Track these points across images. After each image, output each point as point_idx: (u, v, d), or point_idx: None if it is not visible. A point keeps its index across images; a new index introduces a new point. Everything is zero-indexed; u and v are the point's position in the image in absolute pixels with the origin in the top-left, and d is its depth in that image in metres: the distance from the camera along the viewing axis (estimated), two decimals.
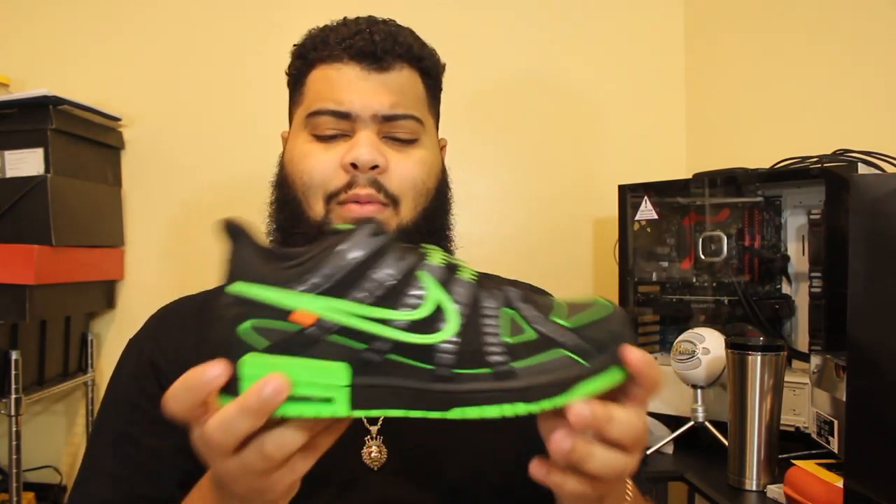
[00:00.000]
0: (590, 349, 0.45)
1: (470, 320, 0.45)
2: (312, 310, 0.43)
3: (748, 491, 0.97)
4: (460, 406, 0.44)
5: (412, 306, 0.44)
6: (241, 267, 0.44)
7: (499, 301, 0.47)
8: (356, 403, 0.44)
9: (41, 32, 1.75)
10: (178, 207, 1.73)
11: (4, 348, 1.42)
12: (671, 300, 1.33)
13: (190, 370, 0.45)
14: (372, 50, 0.70)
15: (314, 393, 0.43)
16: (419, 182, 0.73)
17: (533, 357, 0.45)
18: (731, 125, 1.59)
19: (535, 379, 0.44)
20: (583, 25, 1.71)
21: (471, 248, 1.84)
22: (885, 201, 0.67)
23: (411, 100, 0.74)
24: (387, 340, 0.44)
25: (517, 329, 0.46)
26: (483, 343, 0.45)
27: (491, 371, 0.44)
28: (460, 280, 0.47)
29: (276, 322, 0.43)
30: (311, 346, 0.43)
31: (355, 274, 0.44)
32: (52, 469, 1.72)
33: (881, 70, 1.21)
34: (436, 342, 0.44)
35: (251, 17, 1.69)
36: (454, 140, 1.83)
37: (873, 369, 0.67)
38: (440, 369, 0.44)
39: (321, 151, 0.71)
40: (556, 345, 0.45)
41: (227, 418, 0.43)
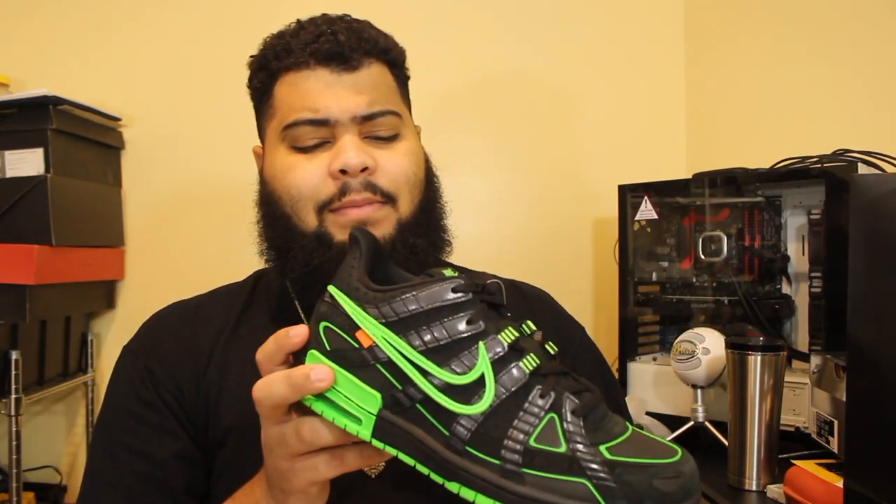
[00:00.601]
0: (616, 493, 0.41)
1: (504, 407, 0.44)
2: (373, 334, 0.47)
3: (748, 491, 0.97)
4: (460, 483, 0.44)
5: (456, 371, 0.45)
6: (344, 273, 0.49)
7: (547, 402, 0.44)
8: (377, 433, 0.46)
9: (41, 32, 1.75)
10: (179, 208, 1.73)
11: (4, 348, 1.42)
12: (671, 300, 1.33)
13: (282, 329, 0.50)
14: (339, 51, 0.68)
15: (349, 407, 0.47)
16: (411, 174, 0.72)
17: (550, 472, 0.42)
18: (731, 125, 1.59)
19: (540, 494, 0.42)
20: (583, 25, 1.71)
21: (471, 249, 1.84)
22: (885, 201, 0.67)
23: (386, 95, 0.72)
24: (420, 390, 0.45)
25: (550, 438, 0.43)
26: (505, 435, 0.43)
27: (499, 465, 0.43)
28: (518, 366, 0.45)
29: (342, 332, 0.48)
30: (360, 366, 0.47)
31: (421, 319, 0.46)
32: (52, 469, 1.72)
33: (881, 70, 1.21)
34: (460, 412, 0.44)
35: (251, 17, 1.69)
36: (454, 140, 1.84)
37: (873, 369, 0.67)
38: (454, 440, 0.44)
39: (304, 162, 0.69)
40: (581, 473, 0.42)
41: (273, 380, 0.48)
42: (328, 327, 0.48)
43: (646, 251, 1.36)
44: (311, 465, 0.49)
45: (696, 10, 1.69)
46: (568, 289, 1.65)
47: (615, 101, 1.71)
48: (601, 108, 1.72)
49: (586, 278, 1.70)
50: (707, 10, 1.66)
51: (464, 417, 0.44)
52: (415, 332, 0.46)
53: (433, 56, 1.62)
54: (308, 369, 0.47)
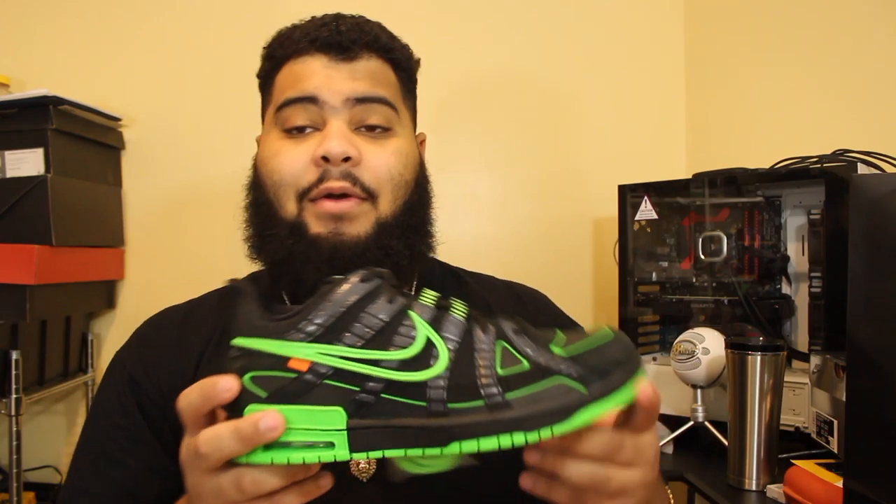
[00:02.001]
0: (588, 375, 0.45)
1: (461, 355, 0.46)
2: (306, 356, 0.45)
3: (748, 491, 0.97)
4: (457, 440, 0.44)
5: (402, 346, 0.46)
6: (243, 323, 0.47)
7: (491, 335, 0.47)
8: (355, 446, 0.45)
9: (41, 32, 1.75)
10: (178, 207, 1.73)
11: (4, 348, 1.42)
12: (671, 300, 1.33)
13: (208, 378, 0.46)
14: (338, 40, 0.68)
15: (315, 438, 0.45)
16: (396, 174, 0.70)
17: (528, 387, 0.45)
18: (731, 125, 1.59)
19: (531, 408, 0.44)
20: (583, 25, 1.71)
21: (471, 249, 1.84)
22: (884, 201, 0.67)
23: (384, 86, 0.71)
24: (379, 380, 0.45)
25: (511, 360, 0.46)
26: (475, 376, 0.45)
27: (484, 403, 0.45)
28: (451, 317, 0.48)
29: (273, 371, 0.45)
30: (307, 393, 0.45)
31: (346, 319, 0.46)
32: (52, 469, 1.72)
33: (881, 70, 1.21)
34: (427, 378, 0.45)
35: (252, 17, 1.69)
36: (454, 140, 1.84)
37: (873, 369, 0.67)
38: (433, 405, 0.45)
39: (291, 147, 0.69)
40: (551, 373, 0.45)
41: (219, 435, 0.45)
42: (255, 376, 0.46)
43: (646, 251, 1.36)
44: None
45: (696, 10, 1.69)
46: (568, 289, 1.66)
47: (615, 102, 1.71)
48: (601, 108, 1.71)
49: (586, 278, 1.70)
50: (707, 10, 1.66)
51: (432, 380, 0.45)
52: (345, 333, 0.45)
53: (433, 56, 1.62)
54: (256, 418, 0.44)
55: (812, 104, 1.35)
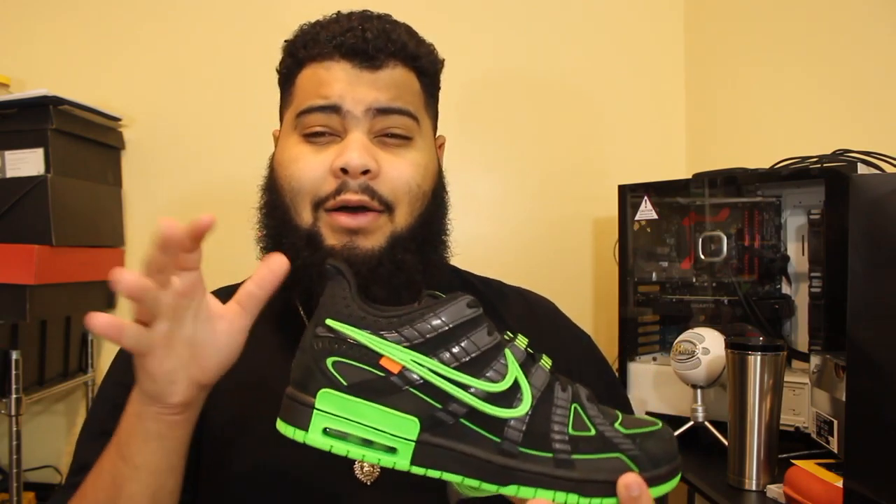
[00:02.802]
0: (643, 458, 0.48)
1: (541, 405, 0.47)
2: (400, 359, 0.45)
3: (748, 491, 0.97)
4: (518, 484, 0.46)
5: (493, 380, 0.46)
6: (337, 305, 0.47)
7: (569, 395, 0.49)
8: (417, 460, 0.45)
9: (41, 32, 1.75)
10: (178, 207, 1.73)
11: (4, 348, 1.42)
12: (671, 300, 1.32)
13: None
14: (363, 48, 0.67)
15: (379, 439, 0.45)
16: (414, 186, 0.69)
17: (593, 454, 0.47)
18: (731, 125, 1.59)
19: (591, 474, 0.46)
20: (583, 25, 1.71)
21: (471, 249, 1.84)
22: (885, 201, 0.67)
23: (405, 97, 0.70)
24: (463, 404, 0.46)
25: (581, 424, 0.48)
26: (550, 430, 0.47)
27: (552, 457, 0.46)
28: (539, 367, 0.49)
29: (361, 364, 0.46)
30: (389, 394, 0.45)
31: (447, 337, 0.46)
32: (52, 469, 1.72)
33: (881, 70, 1.21)
34: (508, 417, 0.46)
35: (252, 17, 1.69)
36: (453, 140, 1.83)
37: (873, 369, 0.67)
38: (506, 444, 0.46)
39: (311, 154, 0.68)
40: (613, 447, 0.48)
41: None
42: (339, 362, 0.46)
43: (646, 251, 1.36)
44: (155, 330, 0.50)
45: (696, 10, 1.69)
46: (568, 289, 1.66)
47: (615, 101, 1.71)
48: (601, 108, 1.71)
49: (586, 278, 1.70)
50: (707, 10, 1.66)
51: (512, 420, 0.46)
52: (444, 350, 0.46)
53: None
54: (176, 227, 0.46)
55: (812, 104, 1.35)
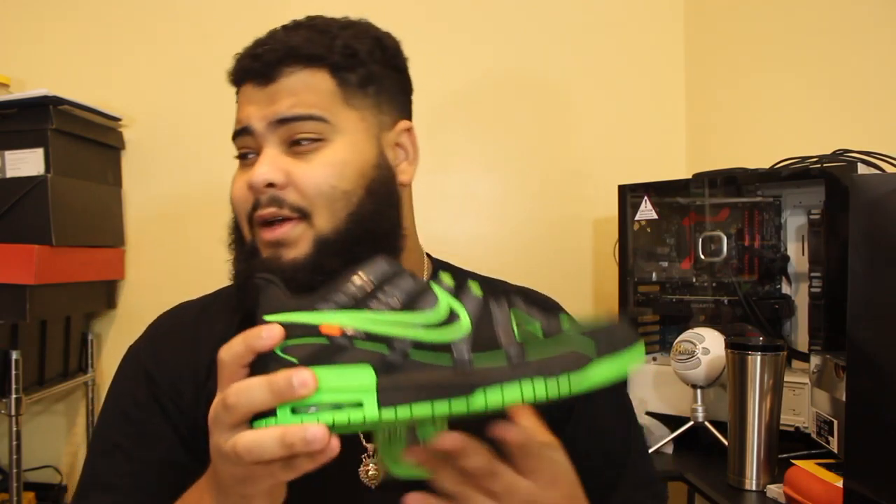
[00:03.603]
0: (597, 345, 0.49)
1: (481, 320, 0.49)
2: (338, 321, 0.48)
3: (748, 491, 0.97)
4: (482, 387, 0.47)
5: (426, 311, 0.49)
6: (271, 304, 0.49)
7: (505, 306, 0.51)
8: (383, 401, 0.47)
9: (41, 32, 1.75)
10: (179, 207, 1.73)
11: (4, 348, 1.42)
12: (671, 300, 1.33)
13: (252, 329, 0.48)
14: (256, 66, 0.69)
15: (344, 398, 0.47)
16: (327, 187, 0.67)
17: (544, 350, 0.49)
18: (731, 125, 1.59)
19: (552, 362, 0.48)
20: (583, 25, 1.71)
21: (470, 249, 1.84)
22: (884, 201, 0.67)
23: (309, 100, 0.68)
24: (407, 341, 0.48)
25: (525, 329, 0.50)
26: (496, 336, 0.49)
27: (506, 357, 0.48)
28: (469, 292, 0.51)
29: (305, 339, 0.47)
30: (338, 355, 0.47)
31: (373, 292, 0.49)
32: (52, 469, 1.72)
33: (881, 70, 1.21)
34: (452, 339, 0.48)
35: (252, 17, 1.69)
36: (454, 140, 1.83)
37: (873, 369, 0.67)
38: (459, 361, 0.48)
39: (239, 175, 0.71)
40: (563, 342, 0.49)
41: (251, 386, 0.46)
42: (286, 347, 0.47)
43: (646, 251, 1.36)
44: (268, 470, 0.48)
45: (696, 10, 1.69)
46: (568, 289, 1.65)
47: (615, 101, 1.71)
48: (601, 108, 1.71)
49: (586, 278, 1.70)
50: (707, 10, 1.66)
51: (457, 341, 0.48)
52: (375, 301, 0.48)
53: (433, 56, 1.62)
54: (290, 374, 0.45)
55: (812, 104, 1.35)
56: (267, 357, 0.48)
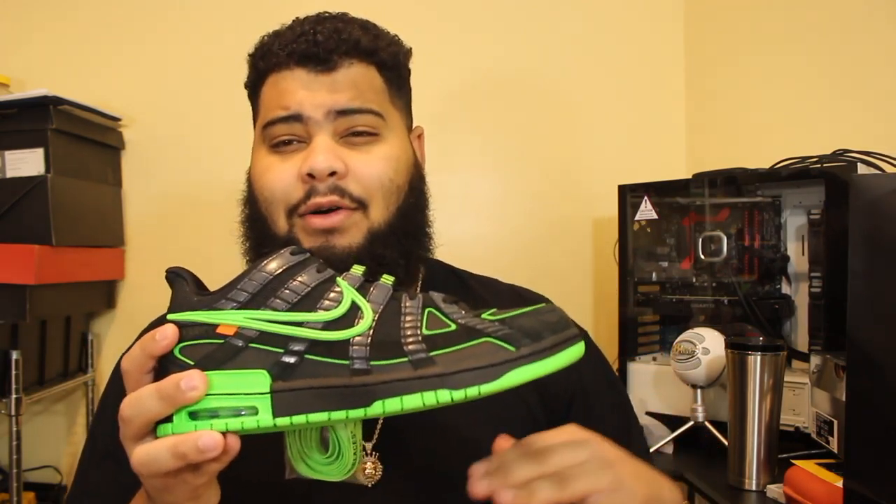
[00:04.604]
0: (517, 335, 0.44)
1: (385, 317, 0.47)
2: (233, 321, 0.46)
3: (748, 491, 0.97)
4: (381, 398, 0.44)
5: (327, 308, 0.46)
6: (177, 302, 0.48)
7: (419, 302, 0.48)
8: (278, 410, 0.45)
9: (41, 32, 1.75)
10: (178, 208, 1.73)
11: (4, 348, 1.42)
12: (671, 300, 1.33)
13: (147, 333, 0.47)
14: (315, 52, 0.67)
15: (240, 404, 0.45)
16: (386, 180, 0.68)
17: (453, 346, 0.45)
18: (731, 125, 1.59)
19: (457, 365, 0.44)
20: (583, 25, 1.71)
21: (470, 248, 1.84)
22: (884, 201, 0.67)
23: (367, 94, 0.69)
24: (302, 340, 0.45)
25: (437, 323, 0.47)
26: (399, 336, 0.46)
27: (408, 360, 0.45)
28: (379, 284, 0.49)
29: (202, 340, 0.46)
30: (232, 358, 0.45)
31: (273, 286, 0.47)
32: (52, 469, 1.72)
33: (881, 70, 1.21)
34: (349, 336, 0.46)
35: (252, 16, 1.69)
36: (454, 140, 1.83)
37: (873, 369, 0.67)
38: (356, 363, 0.45)
39: (279, 163, 0.69)
40: (478, 333, 0.45)
41: (141, 396, 0.45)
42: (183, 347, 0.46)
43: (646, 251, 1.36)
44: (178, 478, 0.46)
45: (696, 10, 1.69)
46: (568, 289, 1.66)
47: (615, 101, 1.71)
48: (601, 108, 1.71)
49: (586, 278, 1.70)
50: (707, 10, 1.66)
51: (355, 338, 0.46)
52: (273, 298, 0.46)
53: (433, 56, 1.62)
54: (177, 378, 0.44)
55: (812, 104, 1.35)
56: (166, 360, 0.46)
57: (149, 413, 0.45)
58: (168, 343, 0.46)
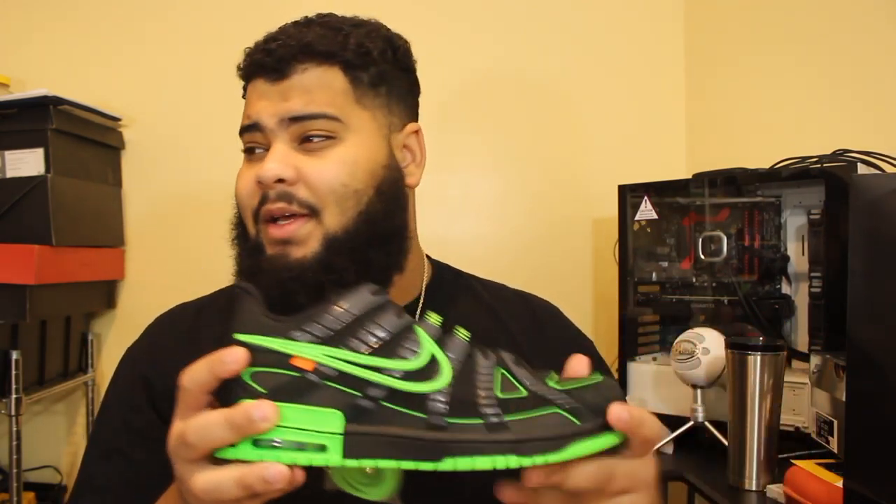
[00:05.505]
0: (583, 410, 0.46)
1: (462, 374, 0.47)
2: (311, 356, 0.45)
3: (748, 491, 0.97)
4: (452, 456, 0.45)
5: (407, 357, 0.46)
6: (245, 321, 0.47)
7: (492, 361, 0.49)
8: (349, 452, 0.45)
9: (41, 32, 1.75)
10: (178, 207, 1.73)
11: (4, 348, 1.42)
12: (671, 300, 1.33)
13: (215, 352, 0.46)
14: (268, 61, 0.68)
15: (308, 440, 0.44)
16: (338, 185, 0.66)
17: (525, 412, 0.46)
18: (731, 125, 1.59)
19: (528, 433, 0.45)
20: (583, 25, 1.71)
21: (470, 249, 1.84)
22: (884, 201, 0.67)
23: (321, 98, 0.68)
24: (381, 387, 0.45)
25: (509, 386, 0.47)
26: (476, 395, 0.46)
27: (483, 423, 0.45)
28: (455, 338, 0.49)
29: (275, 369, 0.45)
30: (307, 393, 0.45)
31: (353, 326, 0.46)
32: (52, 469, 1.72)
33: (881, 70, 1.21)
34: (429, 391, 0.46)
35: (252, 17, 1.69)
36: (454, 140, 1.83)
37: (873, 369, 0.67)
38: (433, 417, 0.45)
39: (245, 169, 0.70)
40: (548, 403, 0.47)
41: (209, 422, 0.44)
42: (255, 373, 0.45)
43: (646, 251, 1.36)
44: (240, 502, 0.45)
45: (696, 10, 1.69)
46: (568, 289, 1.66)
47: (615, 101, 1.71)
48: (601, 108, 1.72)
49: (586, 278, 1.70)
50: (707, 10, 1.66)
51: (435, 393, 0.46)
52: (354, 339, 0.46)
53: (433, 56, 1.62)
54: (249, 407, 0.43)
55: (812, 104, 1.35)
56: (233, 383, 0.45)
57: (216, 440, 0.44)
58: (238, 367, 0.45)
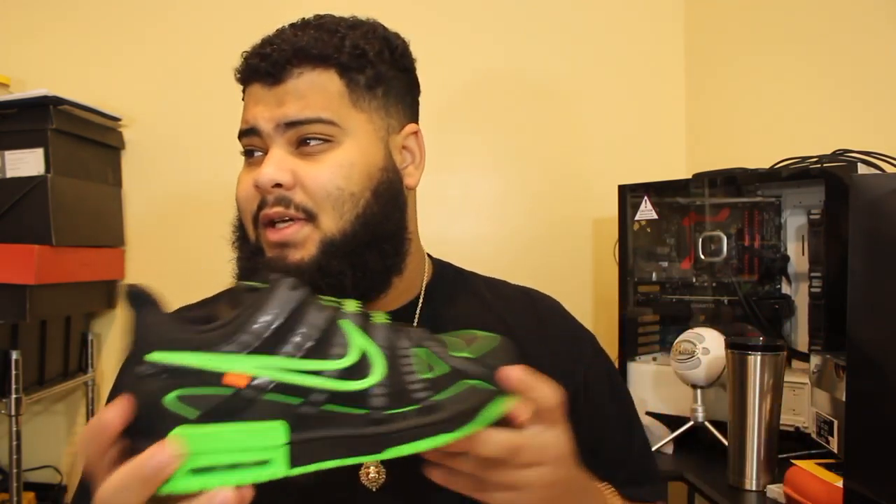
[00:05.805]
0: (490, 374, 0.49)
1: (392, 362, 0.47)
2: (245, 370, 0.42)
3: (748, 491, 0.97)
4: (392, 446, 0.45)
5: (339, 355, 0.45)
6: (155, 334, 0.42)
7: (410, 341, 0.49)
8: (295, 461, 0.43)
9: (41, 32, 1.75)
10: (178, 207, 1.73)
11: (4, 348, 1.42)
12: (671, 300, 1.33)
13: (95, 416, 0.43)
14: (263, 66, 0.68)
15: (251, 458, 0.42)
16: (334, 189, 0.66)
17: (451, 389, 0.48)
18: (731, 125, 1.59)
19: (458, 406, 0.47)
20: (583, 25, 1.71)
21: (470, 249, 1.84)
22: (884, 201, 0.67)
23: (317, 102, 0.68)
24: (322, 391, 0.44)
25: (433, 365, 0.48)
26: (407, 382, 0.46)
27: (418, 407, 0.46)
28: (377, 325, 0.48)
29: (206, 388, 0.41)
30: (246, 409, 0.42)
31: (282, 331, 0.43)
32: (52, 469, 1.72)
33: (881, 70, 1.21)
34: (368, 386, 0.45)
35: (252, 17, 1.69)
36: (454, 140, 1.83)
37: (873, 369, 0.67)
38: (374, 412, 0.45)
39: (245, 174, 0.71)
40: (467, 375, 0.48)
41: (118, 486, 0.41)
42: (182, 395, 0.41)
43: (646, 251, 1.36)
44: None
45: (696, 10, 1.69)
46: (568, 289, 1.65)
47: (615, 101, 1.71)
48: (601, 108, 1.72)
49: (586, 278, 1.70)
50: (707, 10, 1.66)
51: (374, 388, 0.45)
52: (285, 343, 0.43)
53: (433, 56, 1.62)
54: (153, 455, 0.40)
55: (812, 104, 1.35)
56: (155, 413, 0.41)
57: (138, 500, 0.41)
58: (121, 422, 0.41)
